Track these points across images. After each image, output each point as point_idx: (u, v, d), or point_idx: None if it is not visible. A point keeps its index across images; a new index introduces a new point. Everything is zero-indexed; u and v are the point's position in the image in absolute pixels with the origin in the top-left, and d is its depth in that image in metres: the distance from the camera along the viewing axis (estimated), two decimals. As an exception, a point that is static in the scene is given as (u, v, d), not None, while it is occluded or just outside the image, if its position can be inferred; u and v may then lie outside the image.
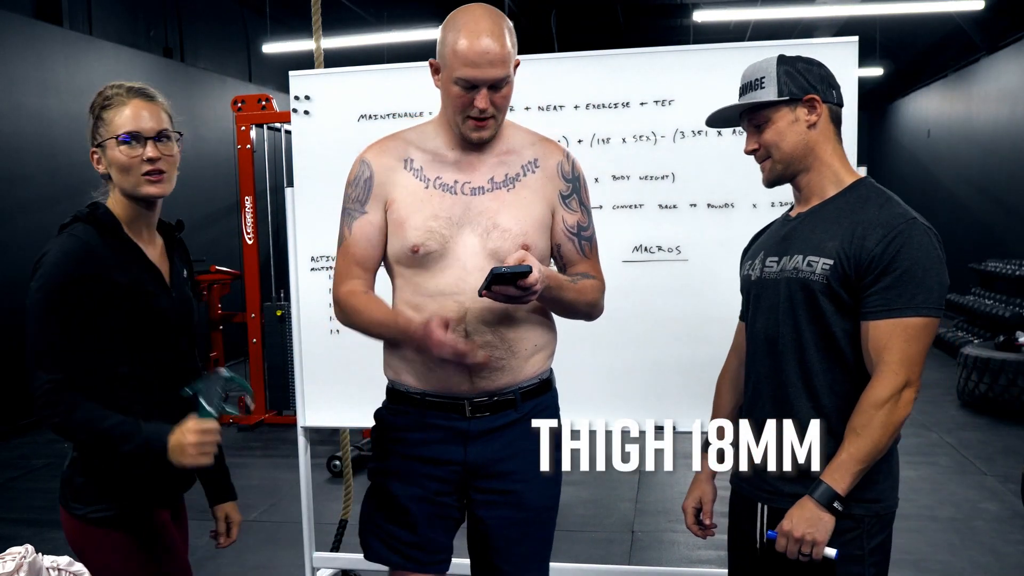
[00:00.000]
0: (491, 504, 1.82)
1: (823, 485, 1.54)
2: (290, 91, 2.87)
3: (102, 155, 1.64)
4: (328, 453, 4.98)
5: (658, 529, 3.95)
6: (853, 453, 1.53)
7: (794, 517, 1.54)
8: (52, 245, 1.59)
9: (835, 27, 9.41)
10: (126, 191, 1.64)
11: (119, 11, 7.91)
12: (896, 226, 1.54)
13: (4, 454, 5.54)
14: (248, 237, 5.74)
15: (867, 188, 1.65)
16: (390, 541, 1.83)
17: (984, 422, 5.74)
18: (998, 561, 3.53)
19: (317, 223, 2.89)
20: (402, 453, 1.82)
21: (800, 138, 1.64)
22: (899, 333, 1.53)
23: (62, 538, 1.69)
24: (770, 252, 1.71)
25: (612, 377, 2.73)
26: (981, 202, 9.50)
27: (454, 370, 1.72)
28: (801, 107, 1.63)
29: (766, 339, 1.68)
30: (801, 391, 1.63)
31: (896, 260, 1.53)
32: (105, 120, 1.62)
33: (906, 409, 1.54)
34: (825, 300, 1.59)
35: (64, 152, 6.55)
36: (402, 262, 1.77)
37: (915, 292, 1.52)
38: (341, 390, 2.86)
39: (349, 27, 9.32)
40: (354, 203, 1.80)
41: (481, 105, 1.67)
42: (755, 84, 1.66)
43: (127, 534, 1.64)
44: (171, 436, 1.54)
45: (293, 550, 3.17)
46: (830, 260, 1.58)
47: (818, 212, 1.66)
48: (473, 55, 1.64)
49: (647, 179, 2.69)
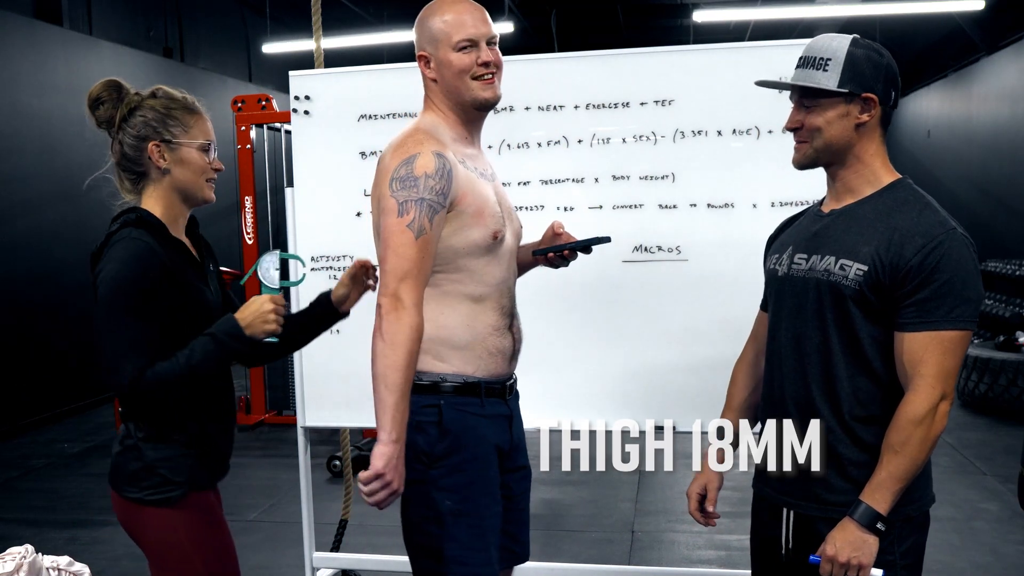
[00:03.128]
0: (517, 479, 1.93)
1: (864, 506, 1.51)
2: (290, 91, 2.88)
3: (167, 152, 1.73)
4: (328, 453, 4.98)
5: (658, 529, 3.95)
6: (893, 472, 1.50)
7: (838, 541, 1.51)
8: (114, 253, 1.65)
9: (835, 27, 9.39)
10: (186, 190, 1.76)
11: (119, 11, 7.91)
12: (936, 236, 1.50)
13: (4, 454, 5.54)
14: (248, 237, 5.73)
15: (905, 190, 1.60)
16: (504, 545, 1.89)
17: (984, 422, 5.74)
18: (998, 561, 3.53)
19: (317, 223, 2.90)
20: (482, 452, 1.81)
21: (846, 133, 1.58)
22: (936, 346, 1.49)
23: (62, 538, 1.70)
24: (799, 248, 1.66)
25: (612, 377, 2.74)
26: (981, 202, 9.49)
27: (501, 354, 1.82)
28: (856, 103, 1.57)
29: (793, 339, 1.65)
30: (824, 395, 1.59)
31: (935, 272, 1.49)
32: (183, 123, 1.74)
33: (943, 423, 1.51)
34: (854, 306, 1.55)
35: (64, 152, 6.55)
36: (475, 254, 1.77)
37: (953, 305, 1.49)
38: (341, 390, 2.86)
39: (349, 27, 9.32)
40: (438, 195, 1.69)
41: (486, 57, 1.78)
42: (819, 63, 1.57)
43: (182, 512, 1.73)
44: (239, 317, 1.70)
45: (293, 550, 3.17)
46: (864, 266, 1.53)
47: (853, 211, 1.61)
48: (467, 16, 1.79)
49: (647, 179, 2.70)
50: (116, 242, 1.67)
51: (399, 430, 1.64)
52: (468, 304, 1.78)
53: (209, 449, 1.80)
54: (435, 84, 1.83)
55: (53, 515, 4.28)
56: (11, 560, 1.64)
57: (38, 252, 6.31)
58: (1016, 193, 8.47)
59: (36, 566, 1.67)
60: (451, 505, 1.74)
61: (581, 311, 2.74)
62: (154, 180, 1.75)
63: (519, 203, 2.75)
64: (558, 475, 4.68)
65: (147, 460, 1.71)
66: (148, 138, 1.72)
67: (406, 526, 1.81)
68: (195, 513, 1.75)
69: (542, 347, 2.69)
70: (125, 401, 1.73)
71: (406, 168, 1.70)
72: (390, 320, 1.64)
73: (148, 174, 1.74)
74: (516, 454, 1.93)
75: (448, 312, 1.77)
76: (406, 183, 1.68)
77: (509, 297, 1.87)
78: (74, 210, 6.57)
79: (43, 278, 6.32)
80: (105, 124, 1.75)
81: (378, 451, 1.63)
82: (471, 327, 1.78)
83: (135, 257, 1.64)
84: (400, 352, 1.63)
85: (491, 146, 2.76)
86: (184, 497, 1.73)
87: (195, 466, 1.75)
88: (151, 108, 1.73)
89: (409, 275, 1.66)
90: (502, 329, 1.83)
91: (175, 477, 1.72)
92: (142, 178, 1.75)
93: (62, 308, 6.48)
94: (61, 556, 1.75)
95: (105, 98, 1.74)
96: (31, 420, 6.14)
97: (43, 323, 6.33)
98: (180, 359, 1.65)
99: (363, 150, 2.84)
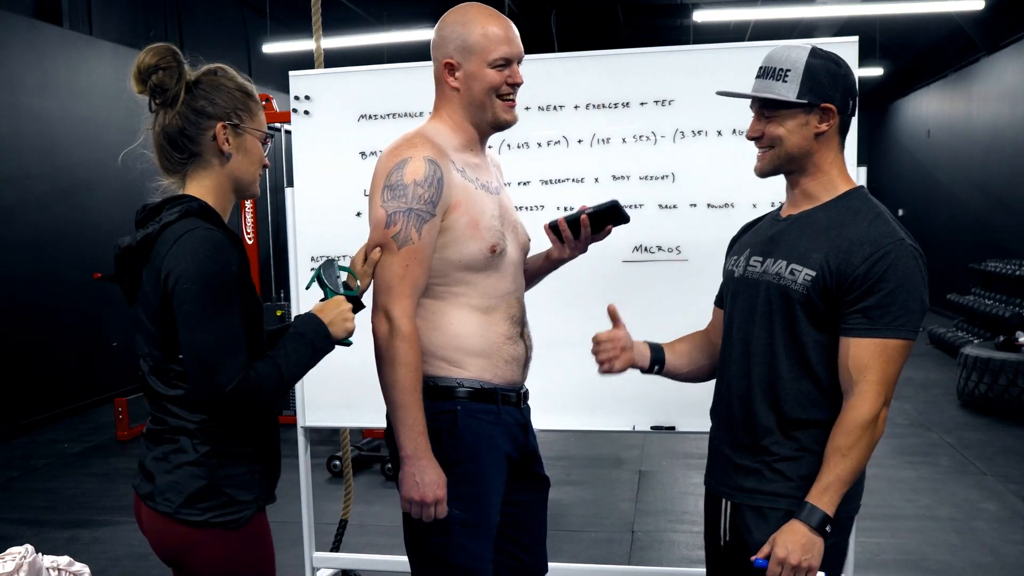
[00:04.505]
0: (531, 488, 1.93)
1: (814, 508, 1.52)
2: (290, 91, 2.88)
3: (232, 138, 1.59)
4: (328, 453, 4.98)
5: (658, 529, 3.95)
6: (840, 475, 1.53)
7: (789, 543, 1.52)
8: (187, 247, 1.48)
9: (835, 27, 9.41)
10: (242, 179, 1.63)
11: (119, 11, 7.91)
12: (884, 245, 1.53)
13: (4, 454, 5.54)
14: (248, 237, 5.74)
15: (859, 200, 1.63)
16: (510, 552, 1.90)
17: (984, 422, 5.75)
18: (998, 561, 3.53)
19: (317, 223, 2.90)
20: (493, 459, 1.79)
21: (805, 142, 1.61)
22: (880, 353, 1.52)
23: (62, 538, 1.69)
24: (755, 251, 1.70)
25: (611, 377, 2.73)
26: (981, 202, 9.49)
27: (516, 361, 1.82)
28: (815, 112, 1.60)
29: (743, 338, 1.69)
30: (765, 395, 1.63)
31: (881, 280, 1.51)
32: (250, 109, 1.61)
33: (883, 429, 1.55)
34: (801, 310, 1.58)
35: (64, 152, 6.55)
36: (474, 266, 1.75)
37: (898, 314, 1.52)
38: (341, 390, 2.86)
39: (349, 27, 9.32)
40: (426, 204, 1.67)
41: (519, 79, 1.78)
42: (778, 74, 1.60)
43: (246, 535, 1.59)
44: (321, 317, 1.62)
45: (293, 550, 3.16)
46: (813, 271, 1.56)
47: (808, 218, 1.64)
48: (504, 34, 1.75)
49: (647, 179, 2.70)
50: (184, 234, 1.49)
51: (413, 444, 1.66)
52: (478, 314, 1.77)
53: (273, 462, 1.66)
54: (456, 94, 1.78)
55: (53, 515, 4.28)
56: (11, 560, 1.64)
57: (38, 252, 6.31)
58: (1016, 193, 8.47)
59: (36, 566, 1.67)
60: (459, 514, 1.72)
61: (581, 311, 2.74)
62: (208, 165, 1.59)
63: (519, 203, 2.75)
64: (558, 475, 4.68)
65: (212, 479, 1.54)
66: (216, 117, 1.56)
67: (409, 532, 1.79)
68: (257, 537, 1.62)
69: (542, 347, 2.69)
70: (216, 409, 1.53)
71: (397, 174, 1.69)
72: (383, 340, 1.68)
73: (203, 156, 1.58)
74: (531, 463, 1.92)
75: (460, 322, 1.76)
76: (396, 192, 1.69)
77: (519, 307, 1.86)
78: (74, 210, 6.57)
79: (43, 278, 6.32)
80: (158, 93, 1.55)
81: (400, 476, 1.69)
82: (484, 336, 1.78)
83: (216, 249, 1.48)
84: (400, 371, 1.66)
85: (491, 146, 2.76)
86: (252, 519, 1.58)
87: (262, 482, 1.62)
88: (220, 87, 1.58)
89: (395, 288, 1.68)
90: (515, 337, 1.83)
91: (242, 496, 1.57)
92: (192, 160, 1.58)
93: (62, 308, 6.48)
94: (61, 556, 1.74)
95: (164, 65, 1.53)
96: (31, 420, 6.14)
97: (43, 323, 6.33)
98: (278, 360, 1.53)
99: (363, 150, 2.84)
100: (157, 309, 1.52)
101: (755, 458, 1.65)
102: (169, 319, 1.51)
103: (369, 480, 4.75)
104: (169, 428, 1.56)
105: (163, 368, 1.55)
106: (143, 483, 1.59)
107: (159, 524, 1.56)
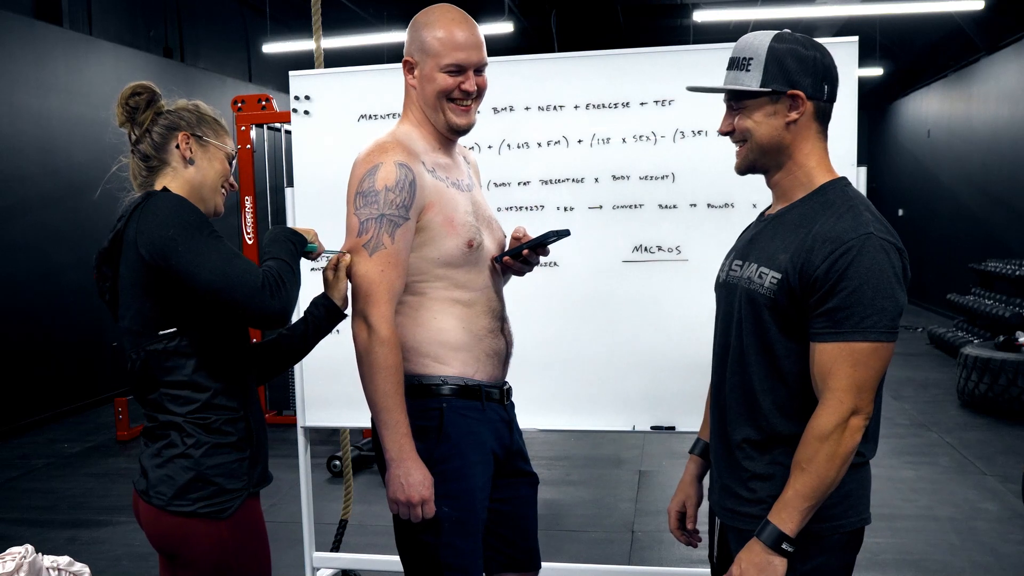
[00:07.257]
0: (518, 485, 1.94)
1: (770, 526, 1.43)
2: (290, 91, 2.88)
3: (195, 147, 1.71)
4: (328, 453, 4.99)
5: (658, 529, 3.95)
6: (799, 490, 1.42)
7: (743, 562, 1.45)
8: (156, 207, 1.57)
9: (835, 27, 9.41)
10: (202, 189, 1.72)
11: (119, 11, 7.91)
12: (846, 241, 1.40)
13: (4, 454, 5.54)
14: (248, 237, 5.73)
15: (833, 193, 1.50)
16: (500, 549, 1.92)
17: (984, 422, 5.74)
18: (998, 561, 3.53)
19: (317, 223, 2.89)
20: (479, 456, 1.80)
21: (775, 133, 1.50)
22: (845, 358, 1.40)
23: (62, 538, 1.69)
24: (737, 255, 1.63)
25: (612, 377, 2.74)
26: (981, 202, 9.49)
27: (497, 356, 1.84)
28: (783, 100, 1.49)
29: (720, 350, 1.63)
30: (743, 407, 1.55)
31: (842, 280, 1.39)
32: (215, 130, 1.74)
33: (853, 439, 1.41)
34: (769, 316, 1.48)
35: (64, 152, 6.55)
36: (451, 263, 1.77)
37: (864, 315, 1.39)
38: (341, 390, 2.86)
39: (349, 27, 9.32)
40: (398, 208, 1.70)
41: (469, 87, 1.77)
42: (742, 63, 1.50)
43: (236, 523, 1.64)
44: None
45: (293, 550, 3.17)
46: (779, 274, 1.46)
47: (782, 217, 1.55)
48: (462, 40, 1.75)
49: (647, 179, 2.70)
50: (145, 201, 1.59)
51: (397, 446, 1.68)
52: (459, 307, 1.79)
53: (260, 446, 1.72)
54: (414, 91, 1.83)
55: (53, 515, 4.28)
56: (11, 560, 1.64)
57: (38, 252, 6.31)
58: (1016, 193, 8.47)
59: (36, 566, 1.67)
60: (449, 512, 1.73)
61: (581, 311, 2.75)
62: (173, 170, 1.69)
63: (519, 203, 2.76)
64: (558, 475, 4.68)
65: (199, 469, 1.60)
66: (180, 128, 1.69)
67: (399, 531, 1.79)
68: (248, 524, 1.66)
69: (542, 347, 2.70)
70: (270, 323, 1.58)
71: (369, 181, 1.72)
72: (363, 345, 1.70)
73: (168, 163, 1.69)
74: (517, 460, 1.92)
75: (442, 316, 1.78)
76: (368, 198, 1.71)
77: (498, 301, 1.88)
78: (74, 210, 6.57)
79: (43, 278, 6.33)
80: (134, 114, 1.70)
81: (387, 478, 1.71)
82: (466, 329, 1.79)
83: (181, 202, 1.59)
84: (381, 375, 1.68)
85: (491, 146, 2.77)
86: (241, 507, 1.64)
87: (250, 469, 1.67)
88: (187, 109, 1.74)
89: (372, 294, 1.70)
90: (495, 332, 1.85)
91: (231, 485, 1.63)
92: (161, 168, 1.69)
93: (62, 308, 6.48)
94: (61, 556, 1.75)
95: (140, 91, 1.70)
96: (31, 420, 6.14)
97: (43, 323, 6.34)
98: (268, 261, 1.62)
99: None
100: (142, 278, 1.58)
101: (732, 475, 1.57)
102: (160, 282, 1.57)
103: (369, 480, 4.75)
104: (160, 424, 1.63)
105: (156, 355, 1.62)
106: (140, 479, 1.66)
107: (153, 517, 1.63)
